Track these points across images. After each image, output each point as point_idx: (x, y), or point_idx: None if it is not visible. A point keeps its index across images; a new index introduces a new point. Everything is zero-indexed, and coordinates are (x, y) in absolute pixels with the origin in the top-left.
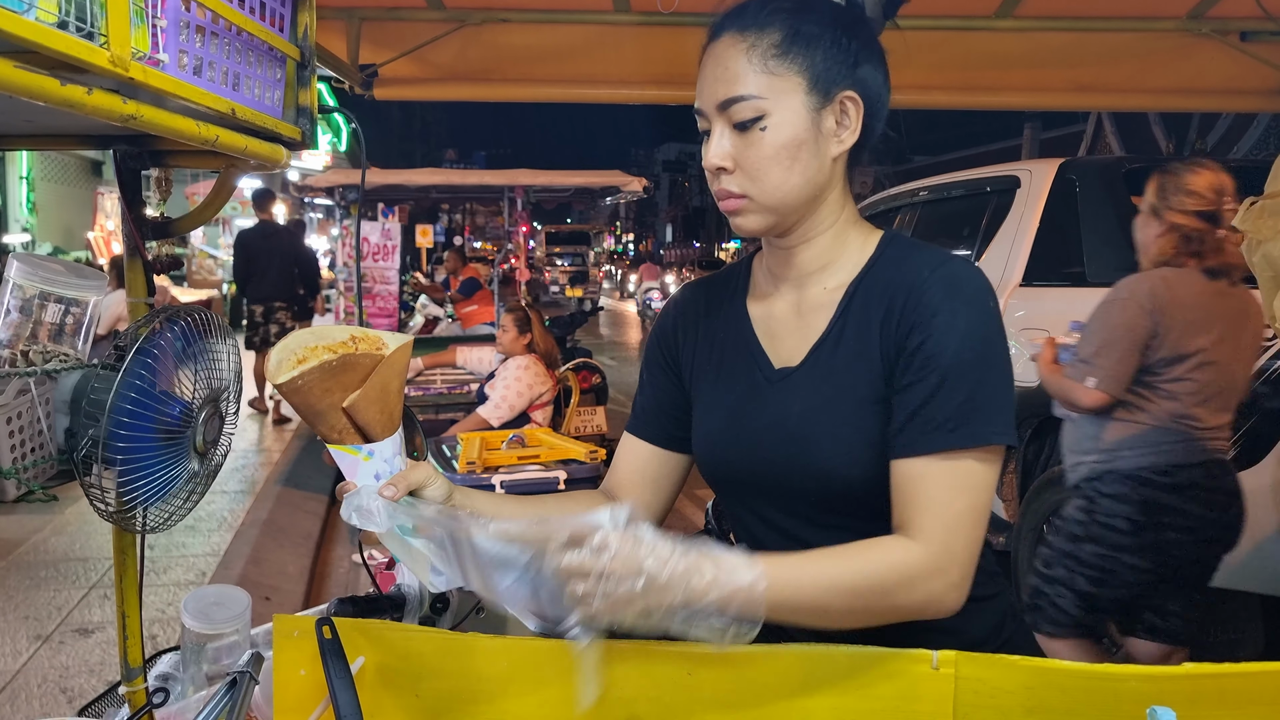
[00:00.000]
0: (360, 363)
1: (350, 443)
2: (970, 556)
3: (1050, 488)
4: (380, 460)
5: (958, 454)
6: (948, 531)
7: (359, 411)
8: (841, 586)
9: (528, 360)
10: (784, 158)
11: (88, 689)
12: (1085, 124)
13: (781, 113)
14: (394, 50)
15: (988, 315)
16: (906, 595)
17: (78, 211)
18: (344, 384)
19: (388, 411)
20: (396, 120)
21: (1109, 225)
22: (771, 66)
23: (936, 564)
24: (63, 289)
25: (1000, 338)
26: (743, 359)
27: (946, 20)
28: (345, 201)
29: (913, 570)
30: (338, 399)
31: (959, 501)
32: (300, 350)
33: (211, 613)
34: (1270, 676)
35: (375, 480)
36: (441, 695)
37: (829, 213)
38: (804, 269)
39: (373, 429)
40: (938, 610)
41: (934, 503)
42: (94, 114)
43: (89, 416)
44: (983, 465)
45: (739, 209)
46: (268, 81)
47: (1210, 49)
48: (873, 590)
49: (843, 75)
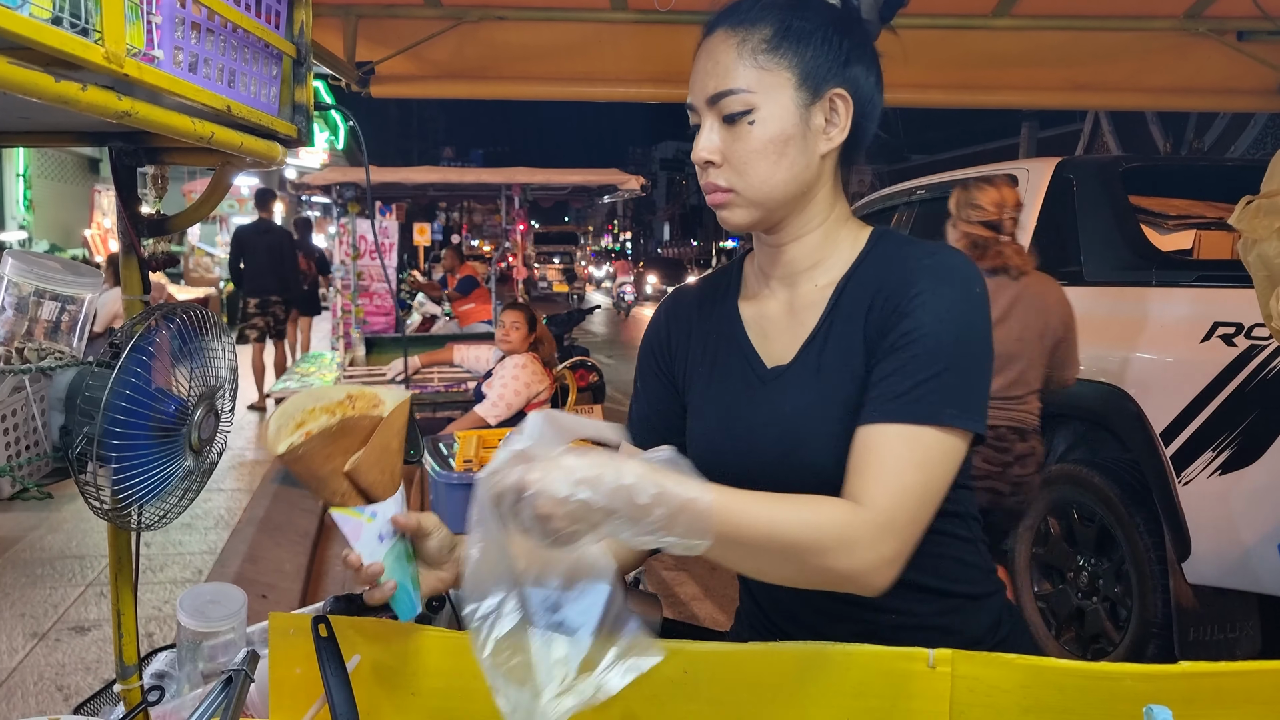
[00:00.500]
0: (360, 425)
1: (353, 504)
2: (910, 534)
3: (1048, 487)
4: (383, 521)
5: (917, 428)
6: (893, 504)
7: (361, 475)
8: (782, 533)
9: (525, 359)
10: (771, 152)
11: (84, 686)
12: (1083, 123)
13: (770, 107)
14: (391, 48)
15: (972, 301)
16: (841, 558)
17: (75, 209)
18: (344, 448)
19: (389, 472)
20: (394, 118)
21: (1106, 224)
22: (761, 61)
23: (877, 531)
24: (58, 286)
25: (983, 326)
26: (735, 359)
27: (944, 19)
28: (343, 200)
29: (853, 535)
30: (339, 463)
31: (909, 476)
32: (298, 414)
33: (207, 611)
34: (1266, 675)
35: (379, 541)
36: (438, 693)
37: (818, 210)
38: (794, 267)
39: (375, 490)
40: (866, 583)
41: (885, 472)
42: (88, 111)
43: (84, 414)
44: (941, 446)
45: (725, 203)
46: (263, 78)
47: (1207, 48)
48: (811, 545)
49: (833, 73)
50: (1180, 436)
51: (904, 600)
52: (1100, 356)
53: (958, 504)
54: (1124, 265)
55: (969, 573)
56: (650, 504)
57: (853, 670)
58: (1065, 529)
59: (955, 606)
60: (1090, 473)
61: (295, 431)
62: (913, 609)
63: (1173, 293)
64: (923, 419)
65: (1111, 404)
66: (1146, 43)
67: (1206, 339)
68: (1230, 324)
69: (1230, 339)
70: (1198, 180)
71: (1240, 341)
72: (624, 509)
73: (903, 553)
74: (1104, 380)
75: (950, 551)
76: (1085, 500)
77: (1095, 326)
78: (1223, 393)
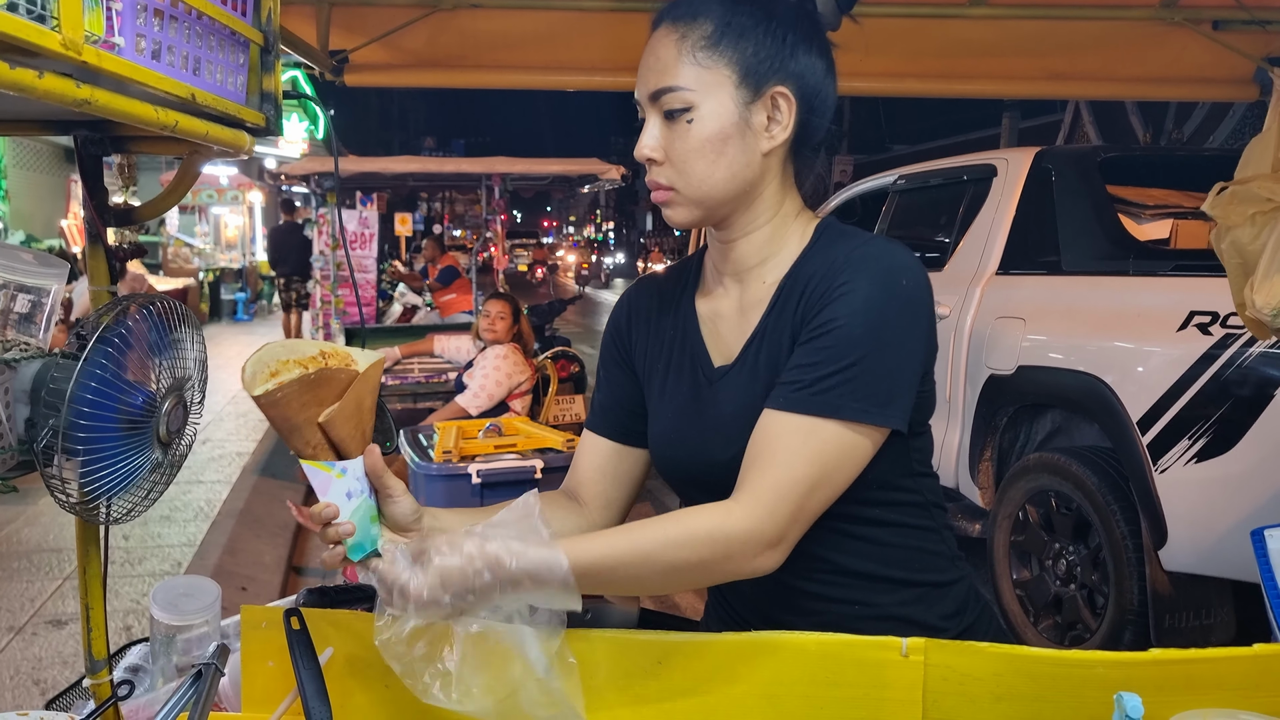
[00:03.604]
0: (336, 377)
1: (324, 459)
2: (794, 524)
3: (1026, 475)
4: (352, 478)
5: (816, 420)
6: (777, 497)
7: (335, 427)
8: (656, 561)
9: (506, 349)
10: (709, 151)
11: (61, 680)
12: (1063, 113)
13: (709, 105)
14: (365, 36)
15: (893, 294)
16: (722, 566)
17: (51, 199)
18: (320, 399)
19: (362, 428)
20: (375, 107)
21: (1084, 214)
22: (701, 59)
23: (757, 531)
24: (24, 277)
25: (904, 320)
26: (687, 358)
27: (920, 8)
28: (321, 189)
29: (731, 543)
30: (314, 414)
31: (800, 469)
32: (273, 363)
33: (181, 604)
34: (1235, 661)
35: (347, 499)
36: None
37: (765, 207)
38: (743, 264)
39: (347, 445)
40: (753, 571)
41: (775, 464)
42: (45, 98)
43: (49, 406)
44: (841, 441)
45: (667, 200)
46: (230, 66)
47: (1183, 38)
48: (687, 562)
49: (775, 70)
50: (1157, 425)
51: (866, 592)
52: (1078, 346)
53: (919, 493)
54: (1102, 255)
55: (933, 561)
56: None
57: (827, 660)
58: (1043, 517)
59: (919, 596)
60: (1068, 461)
61: (270, 380)
62: (876, 599)
63: (1150, 282)
64: (823, 411)
65: (1089, 392)
66: (1122, 32)
67: (1183, 328)
68: (1206, 313)
69: (1206, 328)
70: (1175, 170)
71: (1216, 330)
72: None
73: (788, 539)
74: (1082, 369)
75: (912, 541)
76: (1063, 488)
77: (1073, 315)
78: (1198, 381)
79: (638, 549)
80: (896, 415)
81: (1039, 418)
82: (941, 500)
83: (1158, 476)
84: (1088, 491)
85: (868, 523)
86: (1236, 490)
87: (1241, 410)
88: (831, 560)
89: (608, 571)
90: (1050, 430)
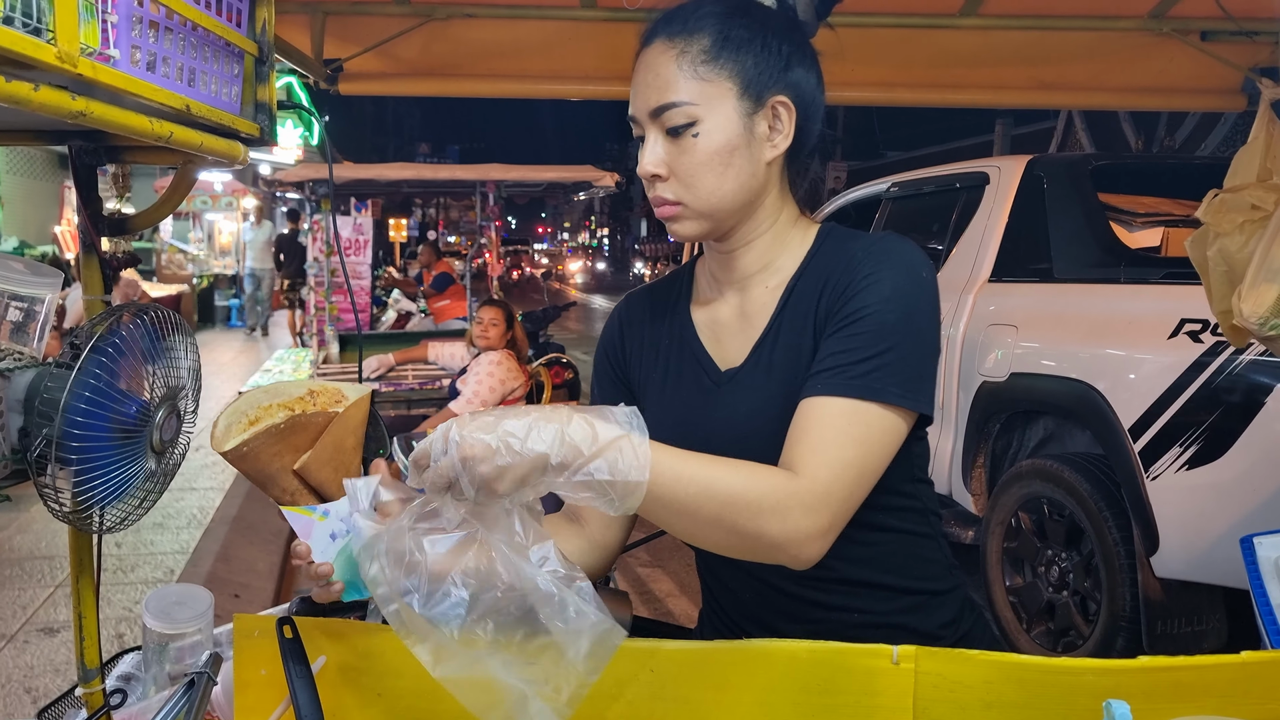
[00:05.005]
0: (312, 422)
1: (304, 503)
2: (844, 508)
3: (1019, 482)
4: (336, 519)
5: (860, 403)
6: (831, 475)
7: (310, 473)
8: (718, 490)
9: (500, 355)
10: (717, 164)
11: (53, 689)
12: (1056, 121)
13: (713, 118)
14: (359, 45)
15: (917, 284)
16: (776, 522)
17: (45, 206)
18: (294, 445)
19: (343, 469)
20: (369, 113)
21: (1076, 222)
22: (702, 72)
23: (813, 501)
24: (17, 286)
25: (928, 309)
26: (689, 364)
27: (911, 18)
28: (315, 196)
29: (790, 499)
30: (288, 461)
31: (849, 451)
32: (253, 411)
33: (173, 612)
34: (1224, 669)
35: (331, 540)
36: (404, 694)
37: (767, 215)
38: (745, 271)
39: (327, 488)
40: (795, 553)
41: (825, 444)
42: (40, 111)
43: (43, 416)
44: (882, 424)
45: (674, 215)
46: (225, 77)
47: (1172, 48)
48: (746, 506)
49: (774, 79)
50: (1148, 432)
51: (865, 599)
52: (1070, 353)
53: (918, 499)
54: (1093, 263)
55: (930, 569)
56: (582, 443)
57: (818, 667)
58: (1036, 524)
59: (917, 604)
60: (1060, 468)
61: (249, 429)
62: (874, 607)
63: (1141, 290)
64: (867, 395)
65: (1081, 400)
66: (1111, 42)
67: (1174, 335)
68: (1197, 320)
69: (1197, 335)
70: (1166, 178)
71: (1207, 338)
72: (555, 450)
73: (835, 526)
74: (1074, 376)
75: (910, 549)
76: (1056, 495)
77: (1065, 323)
78: (1190, 388)
79: (709, 465)
80: (927, 401)
81: (1031, 425)
82: (938, 507)
83: (1149, 483)
84: (1080, 498)
85: (871, 528)
86: (1227, 497)
87: (1232, 417)
88: (833, 567)
89: (681, 478)
90: (1043, 437)
